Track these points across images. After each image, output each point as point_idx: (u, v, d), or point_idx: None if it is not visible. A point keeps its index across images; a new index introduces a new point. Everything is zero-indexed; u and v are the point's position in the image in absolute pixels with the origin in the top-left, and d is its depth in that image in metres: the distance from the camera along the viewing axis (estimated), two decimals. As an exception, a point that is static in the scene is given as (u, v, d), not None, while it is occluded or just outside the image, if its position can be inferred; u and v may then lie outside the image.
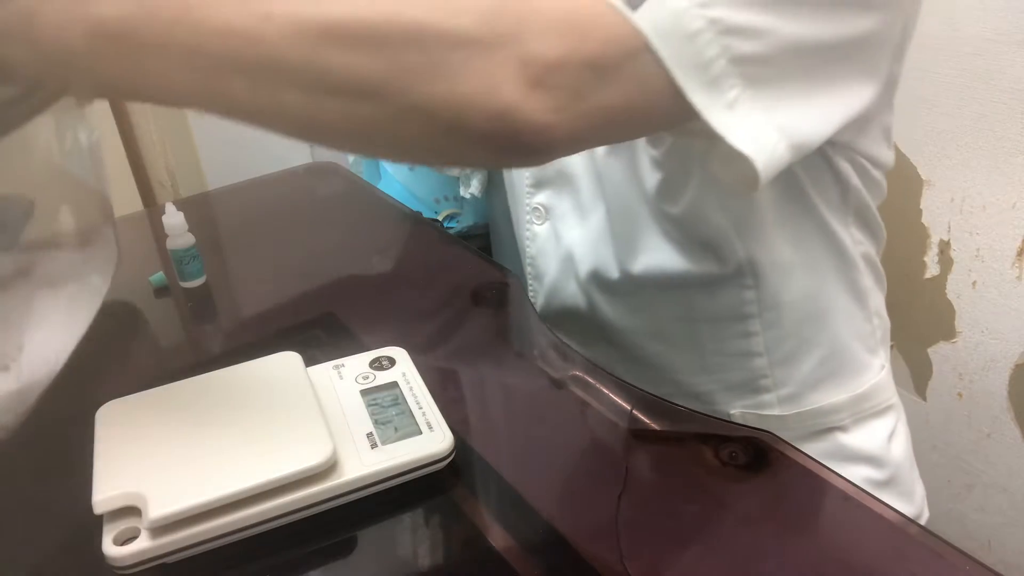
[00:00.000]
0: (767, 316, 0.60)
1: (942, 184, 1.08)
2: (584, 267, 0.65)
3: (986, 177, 1.02)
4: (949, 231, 1.09)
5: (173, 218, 0.66)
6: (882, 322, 0.65)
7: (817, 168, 0.55)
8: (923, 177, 1.09)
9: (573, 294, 0.67)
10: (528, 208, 0.68)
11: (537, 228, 0.68)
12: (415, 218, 0.81)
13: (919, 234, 1.13)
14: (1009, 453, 1.14)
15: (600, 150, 0.61)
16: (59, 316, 0.54)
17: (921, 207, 1.11)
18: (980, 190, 1.04)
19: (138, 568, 0.39)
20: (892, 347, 1.23)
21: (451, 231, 1.19)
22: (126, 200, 1.37)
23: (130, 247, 0.79)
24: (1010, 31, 0.94)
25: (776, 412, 0.63)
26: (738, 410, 0.63)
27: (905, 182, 1.11)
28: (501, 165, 0.46)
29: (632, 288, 0.63)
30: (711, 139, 0.40)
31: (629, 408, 0.51)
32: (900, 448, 0.65)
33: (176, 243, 0.67)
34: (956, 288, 1.12)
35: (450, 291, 0.69)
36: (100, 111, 1.32)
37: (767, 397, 0.62)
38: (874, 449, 0.63)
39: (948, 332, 1.15)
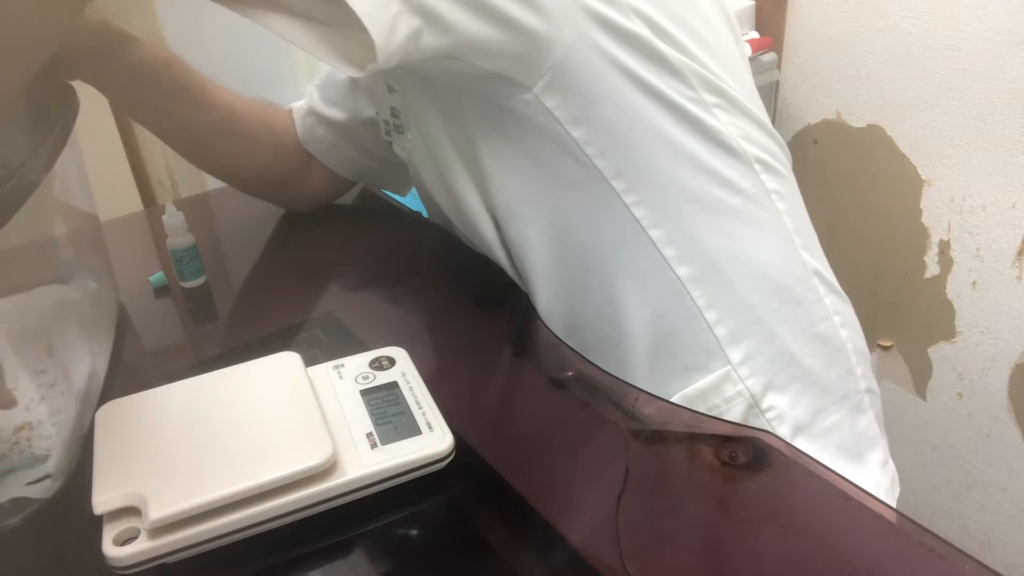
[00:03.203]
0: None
1: (942, 184, 1.08)
2: None
3: (986, 177, 1.03)
4: (949, 231, 1.09)
5: (173, 218, 0.66)
6: (727, 317, 0.62)
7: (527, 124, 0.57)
8: (923, 177, 1.09)
9: None
10: None
11: None
12: (415, 218, 0.81)
13: (919, 234, 1.13)
14: (1009, 453, 1.14)
15: None
16: (83, 346, 0.54)
17: (921, 207, 1.11)
18: (980, 190, 1.04)
19: (138, 568, 0.39)
20: (891, 347, 1.23)
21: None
22: (126, 200, 1.38)
23: (130, 247, 0.79)
24: (1010, 31, 0.94)
25: None
26: None
27: (905, 182, 1.11)
28: None
29: None
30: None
31: (629, 408, 0.51)
32: None
33: (176, 243, 0.67)
34: (956, 288, 1.12)
35: (450, 291, 0.69)
36: (100, 113, 1.32)
37: None
38: None
39: (948, 332, 1.15)
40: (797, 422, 0.63)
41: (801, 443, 0.63)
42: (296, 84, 1.43)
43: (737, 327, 0.61)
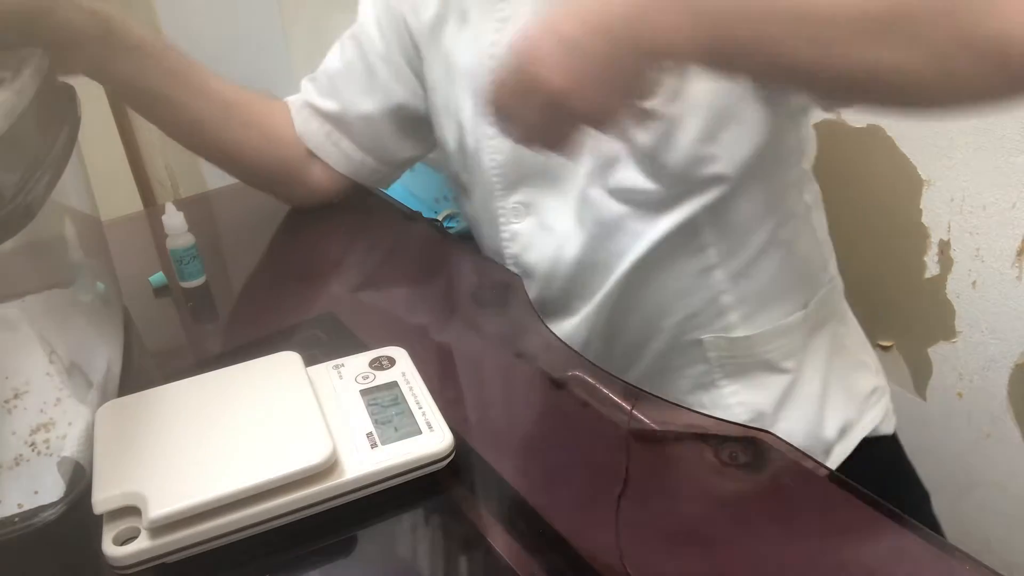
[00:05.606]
0: (723, 240, 0.66)
1: (942, 184, 1.08)
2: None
3: (986, 177, 1.02)
4: (949, 231, 1.09)
5: (173, 218, 0.66)
6: (826, 242, 0.77)
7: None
8: (923, 177, 1.09)
9: (566, 275, 0.69)
10: (505, 208, 0.70)
11: (516, 226, 0.70)
12: (415, 218, 0.81)
13: (919, 234, 1.13)
14: (1009, 453, 1.14)
15: None
16: (97, 347, 0.54)
17: (921, 207, 1.11)
18: (980, 190, 1.04)
19: (138, 568, 0.39)
20: (891, 347, 1.23)
21: (451, 231, 1.19)
22: (126, 200, 1.38)
23: (130, 247, 0.79)
24: (1010, 31, 0.93)
25: (742, 333, 0.68)
26: (709, 335, 0.68)
27: (905, 182, 1.11)
28: None
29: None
30: None
31: (629, 408, 0.51)
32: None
33: (176, 243, 0.67)
34: (956, 288, 1.12)
35: (450, 291, 0.69)
36: (100, 113, 1.32)
37: (732, 317, 0.68)
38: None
39: (948, 332, 1.15)
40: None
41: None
42: (294, 79, 1.43)
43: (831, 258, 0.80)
